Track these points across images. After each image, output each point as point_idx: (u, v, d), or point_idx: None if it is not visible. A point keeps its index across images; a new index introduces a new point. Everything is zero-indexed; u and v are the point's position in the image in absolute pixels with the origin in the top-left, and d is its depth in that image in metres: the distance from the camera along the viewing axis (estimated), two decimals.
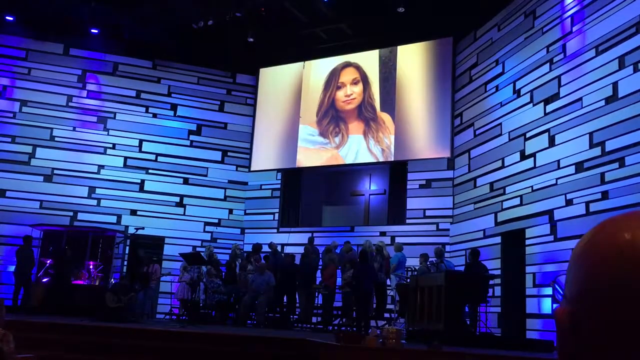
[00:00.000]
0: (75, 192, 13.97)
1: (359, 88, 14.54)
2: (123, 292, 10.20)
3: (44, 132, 14.05)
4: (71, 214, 13.87)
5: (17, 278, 11.90)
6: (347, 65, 14.80)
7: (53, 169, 13.95)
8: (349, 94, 14.60)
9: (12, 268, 12.30)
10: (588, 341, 0.61)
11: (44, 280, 12.07)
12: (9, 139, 13.80)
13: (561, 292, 8.46)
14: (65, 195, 13.89)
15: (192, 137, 15.14)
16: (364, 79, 14.50)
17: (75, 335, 7.35)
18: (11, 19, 13.83)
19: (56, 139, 14.12)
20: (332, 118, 14.67)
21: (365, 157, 14.18)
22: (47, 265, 12.24)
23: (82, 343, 7.09)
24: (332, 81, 14.86)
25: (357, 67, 14.66)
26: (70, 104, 14.40)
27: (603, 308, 0.59)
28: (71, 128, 14.28)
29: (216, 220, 14.91)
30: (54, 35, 14.27)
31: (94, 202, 14.12)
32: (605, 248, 0.61)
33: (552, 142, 9.91)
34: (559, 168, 9.63)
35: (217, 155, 15.26)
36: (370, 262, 10.61)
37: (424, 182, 13.31)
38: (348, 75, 14.74)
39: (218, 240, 14.58)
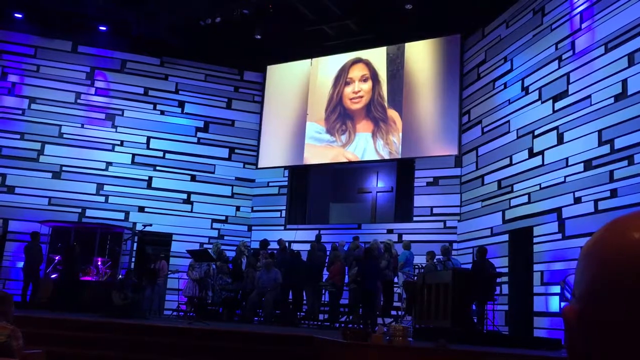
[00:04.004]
0: (83, 188, 14.05)
1: (367, 85, 14.51)
2: (131, 289, 10.24)
3: (52, 129, 14.12)
4: (79, 210, 13.95)
5: (26, 274, 11.98)
6: (357, 61, 14.76)
7: (61, 165, 14.02)
8: (356, 91, 14.56)
9: (20, 264, 12.38)
10: (596, 340, 0.60)
11: (53, 276, 12.15)
12: (18, 136, 13.88)
13: (570, 291, 8.43)
14: (74, 192, 13.96)
15: (199, 134, 15.17)
16: (374, 77, 14.46)
17: (83, 331, 7.39)
18: (20, 16, 13.90)
19: (64, 135, 14.19)
20: (339, 115, 14.65)
21: (372, 155, 14.16)
22: (56, 261, 12.31)
23: (90, 339, 7.13)
24: (341, 77, 14.84)
25: (367, 64, 14.62)
26: (78, 101, 14.47)
27: (611, 307, 0.59)
28: (79, 125, 14.34)
29: (223, 217, 14.94)
30: (63, 33, 14.31)
31: (102, 198, 14.18)
32: (613, 247, 0.61)
33: (560, 140, 9.86)
34: (567, 166, 9.58)
35: (224, 153, 15.29)
36: (375, 259, 10.60)
37: (431, 179, 13.28)
38: (357, 72, 14.71)
39: (225, 237, 14.62)
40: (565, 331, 0.65)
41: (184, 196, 14.77)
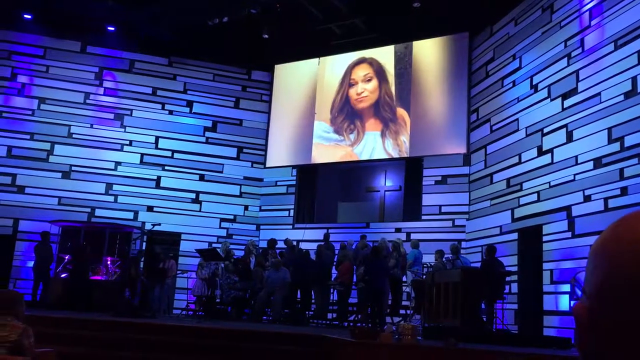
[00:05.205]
0: (92, 188, 14.12)
1: (371, 85, 14.48)
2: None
3: (62, 129, 14.20)
4: (89, 210, 14.02)
5: (36, 273, 12.06)
6: (360, 61, 14.74)
7: (71, 165, 14.10)
8: (359, 92, 14.55)
9: (31, 263, 12.46)
10: (605, 338, 0.60)
11: (63, 275, 12.21)
12: (28, 136, 13.97)
13: (581, 288, 8.39)
14: (83, 192, 14.03)
15: (207, 134, 15.21)
16: (380, 75, 14.43)
17: (93, 330, 7.43)
18: (29, 17, 13.98)
19: (74, 136, 14.26)
20: (347, 115, 14.64)
21: (380, 154, 14.15)
22: (66, 260, 12.38)
23: (99, 338, 7.16)
24: (345, 78, 14.83)
25: (372, 63, 14.60)
26: (87, 101, 14.54)
27: (621, 304, 0.59)
28: (89, 125, 14.42)
29: (232, 217, 14.97)
30: (72, 33, 14.39)
31: (111, 198, 14.25)
32: (624, 243, 0.61)
33: (570, 138, 9.81)
34: (577, 164, 9.53)
35: (232, 152, 15.32)
36: (383, 258, 10.59)
37: (439, 178, 13.25)
38: (360, 72, 14.69)
39: (234, 237, 14.65)
40: (576, 329, 0.65)
41: (193, 196, 14.81)
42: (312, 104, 15.17)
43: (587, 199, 9.18)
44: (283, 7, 13.34)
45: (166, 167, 14.76)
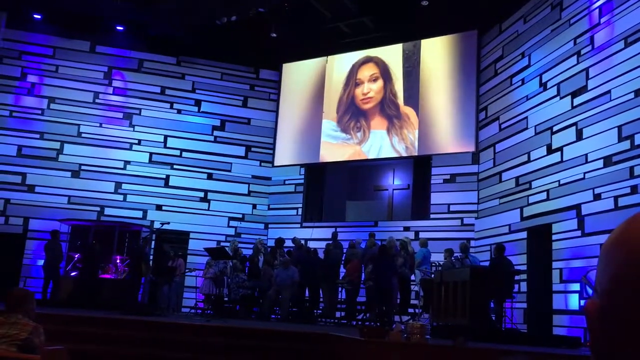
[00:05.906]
0: (102, 187, 14.19)
1: (377, 85, 14.46)
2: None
3: (71, 128, 14.28)
4: (98, 209, 14.09)
5: (46, 272, 12.14)
6: (366, 61, 14.72)
7: (80, 164, 14.18)
8: (365, 92, 14.53)
9: (41, 262, 12.54)
10: (617, 336, 0.60)
11: (72, 274, 12.29)
12: (38, 136, 14.06)
13: (592, 287, 8.35)
14: (93, 191, 14.11)
15: (216, 133, 15.24)
16: (385, 75, 14.41)
17: (102, 328, 7.47)
18: (39, 17, 14.07)
19: (83, 135, 14.34)
20: (352, 114, 14.63)
21: (388, 152, 14.12)
22: (75, 259, 12.46)
23: (109, 336, 7.20)
24: (351, 78, 14.82)
25: (377, 63, 14.58)
26: (96, 100, 14.61)
27: (633, 302, 0.58)
28: (98, 124, 14.49)
29: (240, 215, 15.00)
30: (81, 33, 14.47)
31: (120, 197, 14.31)
32: (635, 241, 0.60)
33: (579, 136, 9.75)
34: (586, 162, 9.47)
35: (240, 151, 15.35)
36: (390, 257, 10.57)
37: (448, 176, 13.21)
38: (366, 72, 14.67)
39: (242, 235, 14.68)
40: (588, 327, 0.65)
41: (201, 194, 14.86)
42: (320, 102, 15.17)
43: (597, 197, 9.13)
44: (291, 6, 13.33)
45: (175, 166, 14.81)
